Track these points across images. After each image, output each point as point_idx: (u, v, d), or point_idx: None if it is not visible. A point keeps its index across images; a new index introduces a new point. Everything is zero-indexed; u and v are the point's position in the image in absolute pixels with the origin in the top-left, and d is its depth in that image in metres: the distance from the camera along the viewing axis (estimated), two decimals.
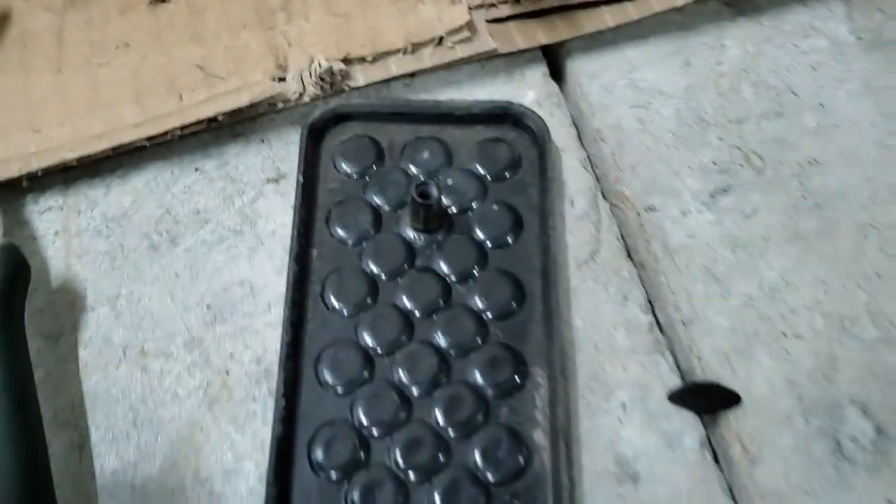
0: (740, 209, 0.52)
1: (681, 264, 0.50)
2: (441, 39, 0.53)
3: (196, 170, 0.53)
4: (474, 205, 0.51)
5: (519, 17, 0.55)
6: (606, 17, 0.56)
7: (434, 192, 0.48)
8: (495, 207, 0.51)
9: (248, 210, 0.51)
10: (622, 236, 0.52)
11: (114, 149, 0.50)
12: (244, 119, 0.52)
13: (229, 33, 0.54)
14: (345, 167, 0.52)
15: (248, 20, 0.54)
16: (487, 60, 0.55)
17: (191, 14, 0.54)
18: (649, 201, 0.52)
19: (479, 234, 0.50)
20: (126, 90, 0.52)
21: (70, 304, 0.49)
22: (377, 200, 0.51)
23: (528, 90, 0.56)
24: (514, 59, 0.56)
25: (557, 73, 0.58)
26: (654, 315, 0.50)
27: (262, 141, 0.54)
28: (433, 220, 0.49)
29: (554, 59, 0.58)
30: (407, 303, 0.48)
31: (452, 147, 0.53)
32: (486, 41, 0.54)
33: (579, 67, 0.57)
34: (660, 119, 0.55)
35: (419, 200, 0.48)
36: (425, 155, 0.52)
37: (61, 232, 0.51)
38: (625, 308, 0.49)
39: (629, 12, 0.56)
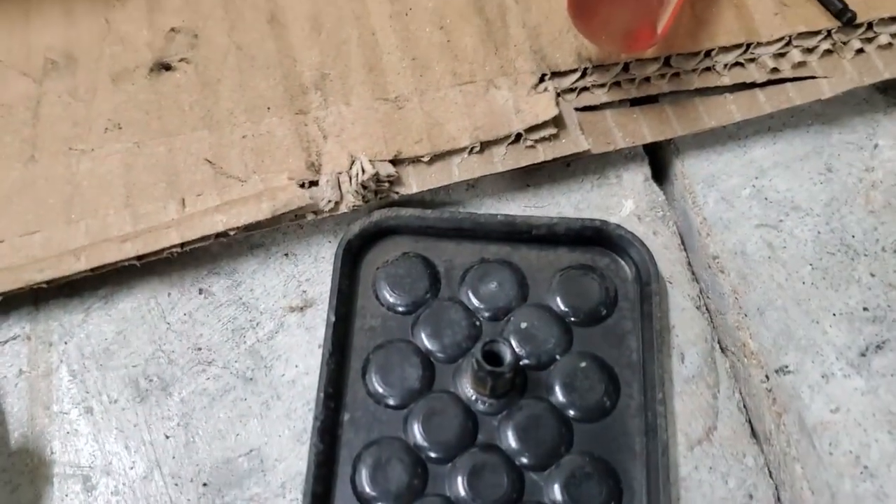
0: None
1: (822, 449, 0.38)
2: (519, 136, 0.41)
3: (200, 292, 0.41)
4: (557, 357, 0.39)
5: (618, 103, 0.43)
6: (732, 109, 0.43)
7: (507, 355, 0.36)
8: (583, 364, 0.39)
9: (264, 349, 0.40)
10: (745, 406, 0.40)
11: (94, 269, 0.39)
12: (264, 226, 0.41)
13: (249, 116, 0.42)
14: (389, 297, 0.40)
15: (274, 99, 0.42)
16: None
17: (201, 87, 0.43)
18: (782, 360, 0.40)
19: (563, 402, 0.38)
20: (115, 189, 0.40)
21: (31, 473, 0.38)
22: (429, 346, 0.39)
23: (626, 199, 0.44)
24: (609, 155, 0.44)
25: (661, 173, 0.46)
26: None
27: (286, 255, 0.42)
28: (503, 386, 0.37)
29: (659, 156, 0.46)
30: (465, 494, 0.36)
31: (528, 275, 0.41)
32: (576, 139, 0.42)
33: (692, 170, 0.44)
34: (795, 244, 0.43)
35: (486, 368, 0.36)
36: (492, 286, 0.41)
37: (26, 371, 0.40)
38: None
39: (760, 104, 0.43)
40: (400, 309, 0.40)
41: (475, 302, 0.40)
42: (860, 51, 0.44)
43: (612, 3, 0.37)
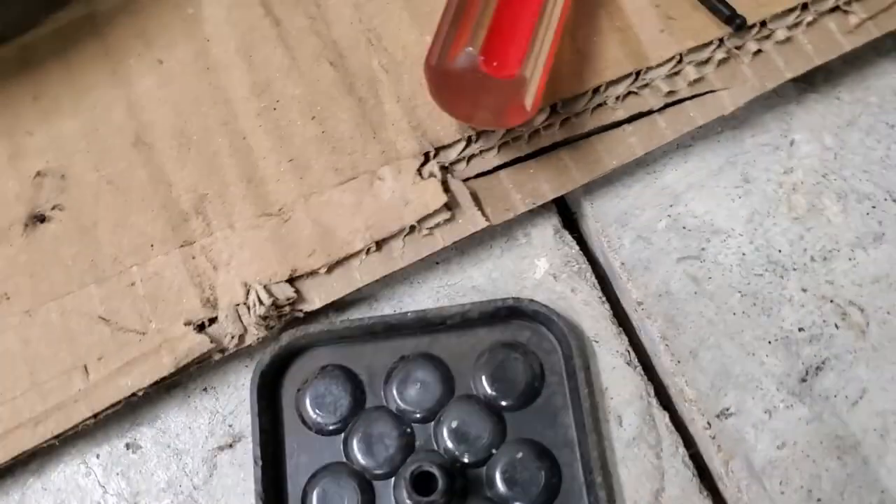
0: (843, 393, 0.39)
1: (773, 490, 0.38)
2: (413, 227, 0.39)
3: (127, 447, 0.41)
4: (493, 451, 0.39)
5: (512, 163, 0.41)
6: (632, 142, 0.41)
7: (438, 480, 0.35)
8: (520, 455, 0.38)
9: (203, 496, 0.40)
10: (693, 458, 0.39)
11: (13, 458, 0.38)
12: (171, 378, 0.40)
13: (134, 258, 0.40)
14: (316, 419, 0.40)
15: (156, 233, 0.40)
16: None
17: (79, 234, 0.41)
18: (722, 402, 0.39)
19: (505, 496, 0.38)
20: (17, 369, 0.39)
21: None
22: (364, 464, 0.39)
23: (538, 258, 0.42)
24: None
25: (571, 217, 0.44)
26: None
27: (205, 390, 0.41)
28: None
29: (566, 200, 0.44)
30: None
31: (451, 365, 0.40)
32: (473, 217, 0.39)
33: (602, 210, 0.42)
34: (720, 272, 0.41)
35: (417, 498, 0.35)
36: (416, 387, 0.39)
37: None
38: None
39: (661, 130, 0.41)
40: (330, 428, 0.39)
41: (402, 406, 0.39)
42: (758, 52, 0.41)
43: (469, 93, 0.34)
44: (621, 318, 0.42)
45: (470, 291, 0.41)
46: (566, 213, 0.44)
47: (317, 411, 0.39)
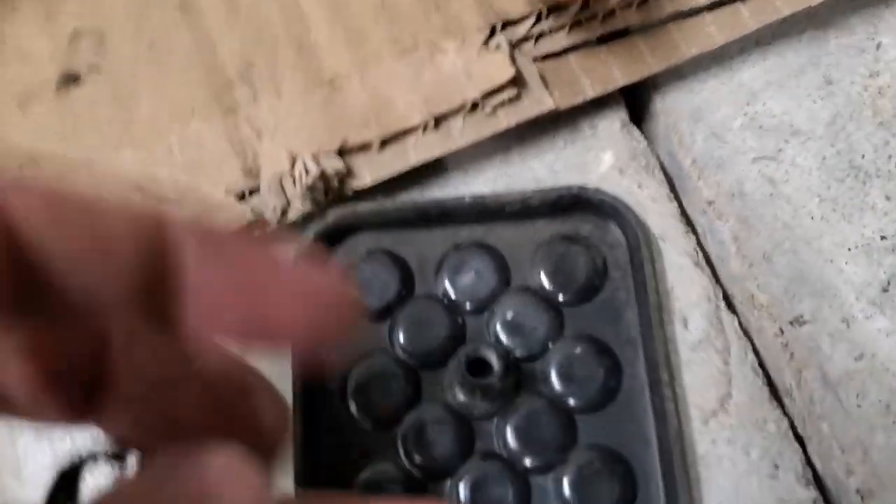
0: None
1: (849, 402, 0.35)
2: (475, 104, 0.37)
3: None
4: (549, 345, 0.36)
5: (582, 45, 0.38)
6: (712, 31, 0.38)
7: (494, 363, 0.33)
8: (578, 350, 0.35)
9: None
10: (762, 366, 0.37)
11: None
12: None
13: (173, 124, 0.37)
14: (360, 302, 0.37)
15: (198, 99, 0.38)
16: None
17: (116, 97, 0.38)
18: (796, 309, 0.36)
19: (561, 393, 0.35)
20: None
21: None
22: (411, 353, 0.36)
23: (604, 151, 0.39)
24: (579, 104, 0.39)
25: (641, 111, 0.41)
26: (819, 486, 0.35)
27: None
28: (494, 392, 0.34)
29: (636, 93, 0.41)
30: None
31: (507, 256, 0.37)
32: (539, 98, 0.37)
33: (674, 105, 0.40)
34: (798, 175, 0.38)
35: (473, 381, 0.33)
36: (470, 275, 0.37)
37: None
38: (776, 481, 0.35)
39: (744, 20, 0.38)
40: (374, 315, 0.37)
41: (454, 296, 0.37)
42: None
43: None
44: (690, 217, 0.39)
45: (529, 183, 0.39)
46: (635, 106, 0.41)
47: (362, 297, 0.37)
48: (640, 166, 0.39)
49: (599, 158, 0.39)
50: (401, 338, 0.36)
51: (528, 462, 0.34)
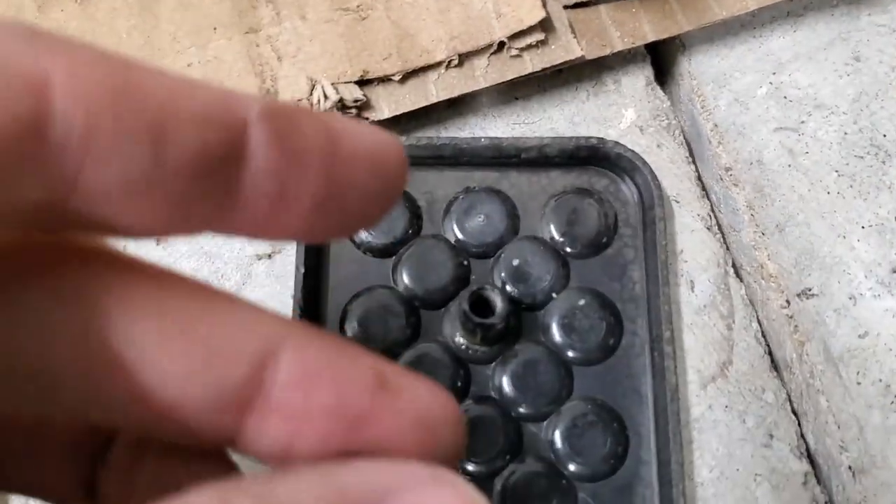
0: None
1: (849, 379, 0.35)
2: (502, 45, 0.36)
3: (157, 242, 0.37)
4: (553, 294, 0.36)
5: None
6: None
7: (498, 304, 0.32)
8: (582, 302, 0.35)
9: None
10: (764, 336, 0.36)
11: None
12: None
13: (193, 39, 0.37)
14: (366, 238, 0.36)
15: (220, 16, 0.37)
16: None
17: (137, 8, 0.37)
18: (804, 282, 0.36)
19: (561, 344, 0.35)
20: None
21: None
22: (413, 291, 0.36)
23: (626, 108, 0.39)
24: (605, 57, 0.39)
25: (665, 73, 0.41)
26: (811, 459, 0.35)
27: None
28: (494, 335, 0.34)
29: (662, 53, 0.41)
30: None
31: (518, 203, 0.37)
32: (567, 45, 0.36)
33: (700, 68, 0.39)
34: (818, 148, 0.38)
35: (475, 320, 0.32)
36: (479, 219, 0.36)
37: None
38: (770, 450, 0.34)
39: None
40: (379, 251, 0.36)
41: (461, 238, 0.36)
42: None
43: None
44: (705, 182, 0.39)
45: (548, 133, 0.38)
46: (660, 67, 0.40)
47: (368, 230, 0.36)
48: (661, 126, 0.38)
49: (621, 114, 0.38)
50: (404, 275, 0.36)
51: (522, 409, 0.34)
